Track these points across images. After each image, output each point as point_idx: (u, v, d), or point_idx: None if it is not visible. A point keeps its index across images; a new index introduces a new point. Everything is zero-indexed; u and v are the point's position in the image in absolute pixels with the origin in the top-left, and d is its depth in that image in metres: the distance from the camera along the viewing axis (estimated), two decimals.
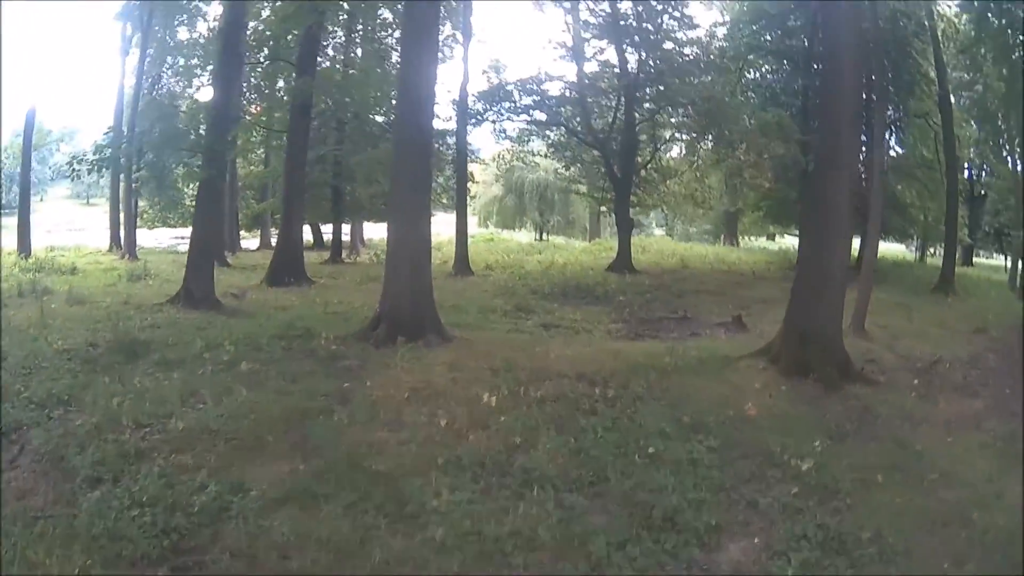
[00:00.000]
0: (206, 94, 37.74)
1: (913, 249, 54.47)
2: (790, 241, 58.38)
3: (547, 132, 44.15)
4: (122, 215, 43.93)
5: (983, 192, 44.53)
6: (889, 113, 36.25)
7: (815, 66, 36.51)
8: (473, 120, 39.01)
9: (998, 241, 54.82)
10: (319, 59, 36.81)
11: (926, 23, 35.79)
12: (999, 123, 33.90)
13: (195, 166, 28.03)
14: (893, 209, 37.59)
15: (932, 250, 49.32)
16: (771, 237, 62.97)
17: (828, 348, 16.07)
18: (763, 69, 44.10)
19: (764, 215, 47.52)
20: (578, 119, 40.06)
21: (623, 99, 38.56)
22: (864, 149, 29.29)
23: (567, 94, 39.70)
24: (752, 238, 61.98)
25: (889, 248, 49.24)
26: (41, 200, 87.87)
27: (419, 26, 18.72)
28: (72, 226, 63.13)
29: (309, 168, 38.85)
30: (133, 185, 41.14)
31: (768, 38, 41.79)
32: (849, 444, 12.52)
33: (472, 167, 46.04)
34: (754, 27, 41.78)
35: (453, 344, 17.70)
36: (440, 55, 39.04)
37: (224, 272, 32.96)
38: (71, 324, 18.08)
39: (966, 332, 22.47)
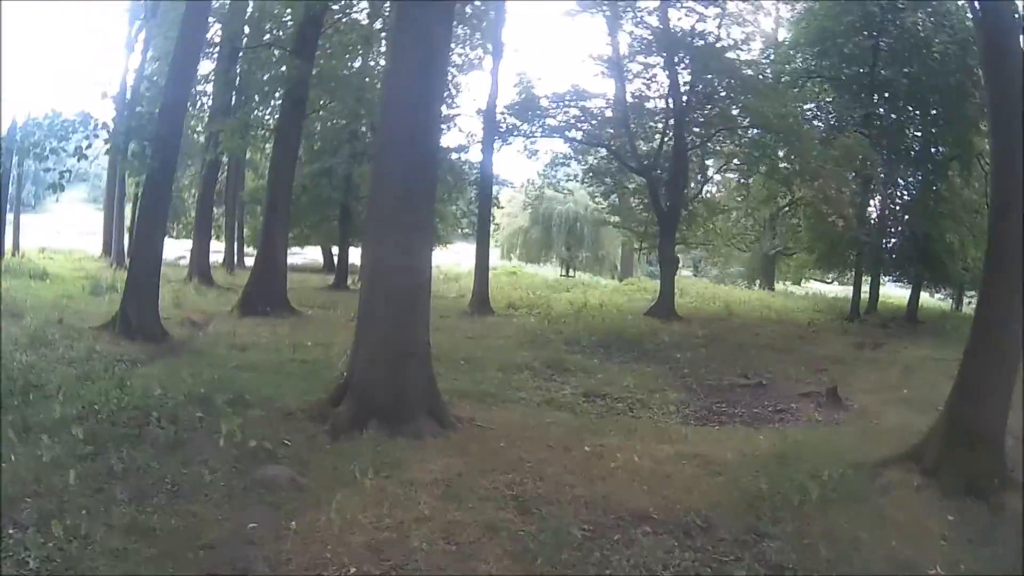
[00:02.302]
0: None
1: (945, 297, 49.24)
2: (816, 286, 55.35)
3: (586, 156, 38.00)
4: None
5: None
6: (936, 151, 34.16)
7: (881, 95, 33.98)
8: (502, 134, 32.67)
9: None
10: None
11: None
12: None
13: None
14: (944, 255, 33.91)
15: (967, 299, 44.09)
16: (797, 282, 57.64)
17: (998, 452, 10.40)
18: (819, 97, 38.69)
19: (817, 258, 41.36)
20: (622, 141, 33.55)
21: (672, 121, 32.41)
22: None
23: (610, 113, 33.48)
24: (784, 283, 57.22)
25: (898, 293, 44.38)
26: (56, 201, 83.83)
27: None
28: (84, 229, 60.72)
29: (313, 181, 35.22)
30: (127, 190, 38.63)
31: (825, 64, 36.80)
32: None
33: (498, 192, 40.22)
34: (812, 51, 36.93)
35: (457, 438, 11.00)
36: (467, 63, 34.82)
37: (205, 293, 28.66)
38: None
39: None
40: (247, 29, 30.40)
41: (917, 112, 34.85)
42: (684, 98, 32.00)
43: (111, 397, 10.57)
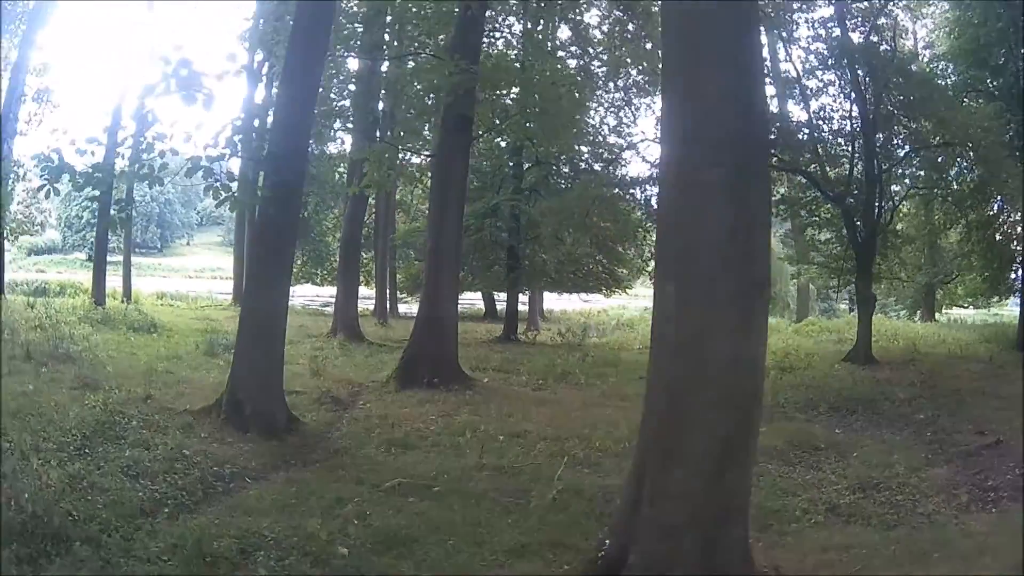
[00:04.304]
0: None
1: None
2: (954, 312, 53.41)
3: (776, 186, 33.39)
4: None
5: None
6: None
7: None
8: None
9: None
10: None
11: None
12: None
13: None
14: None
15: None
16: (939, 309, 53.58)
17: None
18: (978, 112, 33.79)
19: (987, 284, 38.24)
20: (814, 167, 29.61)
21: (861, 143, 28.82)
22: None
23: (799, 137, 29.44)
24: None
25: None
26: (188, 244, 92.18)
27: None
28: (221, 273, 61.98)
29: (477, 222, 31.66)
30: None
31: (979, 76, 33.94)
32: None
33: None
34: (967, 62, 33.77)
35: None
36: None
37: (352, 352, 24.56)
38: None
39: None
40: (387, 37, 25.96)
41: None
42: (873, 115, 28.22)
43: None
